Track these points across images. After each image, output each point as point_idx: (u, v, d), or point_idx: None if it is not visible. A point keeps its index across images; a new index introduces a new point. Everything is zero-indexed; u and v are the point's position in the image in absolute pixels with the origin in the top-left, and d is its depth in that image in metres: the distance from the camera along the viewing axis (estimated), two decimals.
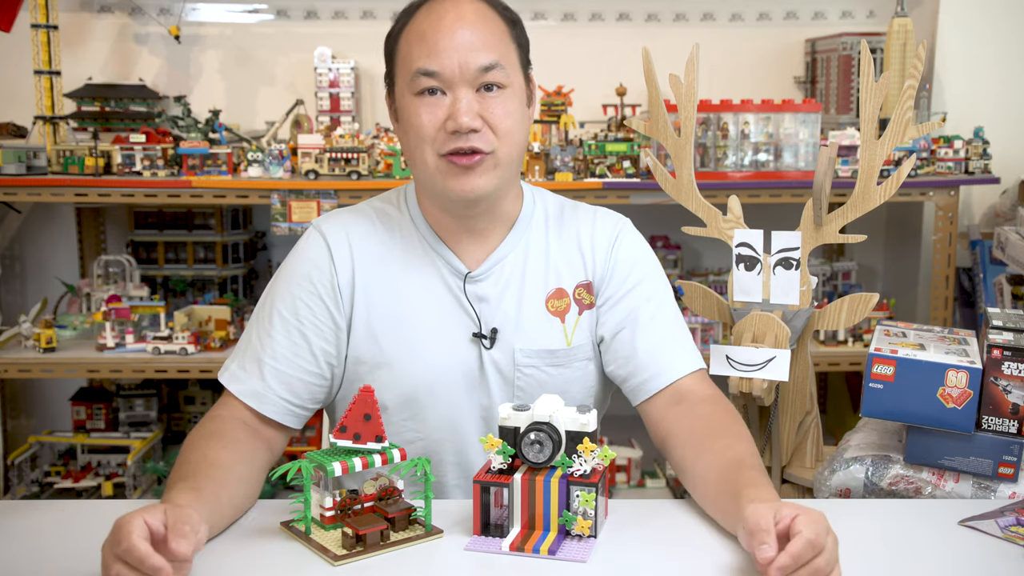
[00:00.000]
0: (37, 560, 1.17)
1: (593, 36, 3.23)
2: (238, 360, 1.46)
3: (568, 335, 1.51)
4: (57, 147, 2.80)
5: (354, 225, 1.52)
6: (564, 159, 2.74)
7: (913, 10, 3.07)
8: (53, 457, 3.09)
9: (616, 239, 1.54)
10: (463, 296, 1.48)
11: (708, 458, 1.31)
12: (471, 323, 1.48)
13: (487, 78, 1.39)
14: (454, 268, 1.49)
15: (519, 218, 1.53)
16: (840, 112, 3.01)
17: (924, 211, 3.14)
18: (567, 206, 1.59)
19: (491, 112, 1.39)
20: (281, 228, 2.72)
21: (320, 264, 1.48)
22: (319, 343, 1.46)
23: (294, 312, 1.46)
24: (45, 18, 2.80)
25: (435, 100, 1.39)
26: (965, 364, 1.44)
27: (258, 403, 1.42)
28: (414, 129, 1.41)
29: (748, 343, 1.70)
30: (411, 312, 1.48)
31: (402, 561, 1.17)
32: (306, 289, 1.47)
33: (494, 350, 1.48)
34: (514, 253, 1.52)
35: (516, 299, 1.50)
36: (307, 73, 3.13)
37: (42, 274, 3.25)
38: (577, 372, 1.51)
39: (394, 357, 1.47)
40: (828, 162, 1.73)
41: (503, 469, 1.22)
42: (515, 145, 1.44)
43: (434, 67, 1.38)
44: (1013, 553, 1.20)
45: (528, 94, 1.48)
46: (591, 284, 1.53)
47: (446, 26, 1.38)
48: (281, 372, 1.43)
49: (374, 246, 1.51)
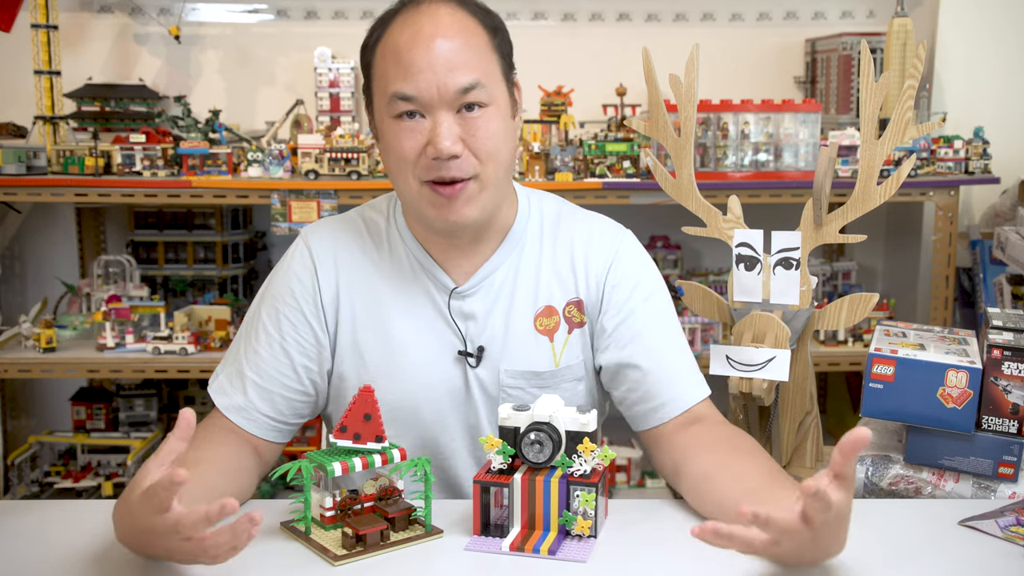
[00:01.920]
0: (37, 560, 1.17)
1: (593, 36, 3.23)
2: (226, 371, 1.45)
3: (556, 355, 1.46)
4: (57, 147, 2.80)
5: (342, 238, 1.49)
6: (564, 159, 2.74)
7: (913, 10, 3.07)
8: (53, 457, 3.09)
9: (614, 259, 1.49)
10: (448, 313, 1.45)
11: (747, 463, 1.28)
12: (457, 341, 1.45)
13: (467, 98, 1.32)
14: (441, 284, 1.46)
15: (512, 229, 1.48)
16: (840, 112, 3.01)
17: (924, 211, 3.14)
18: (565, 213, 1.53)
19: (473, 135, 1.33)
20: (281, 228, 2.72)
21: (304, 279, 1.46)
22: (301, 360, 1.44)
23: (277, 327, 1.44)
24: (45, 18, 2.80)
25: (414, 124, 1.34)
26: (965, 364, 1.44)
27: (240, 419, 1.41)
28: (396, 155, 1.36)
29: (748, 343, 1.69)
30: (397, 329, 1.45)
31: (402, 561, 1.17)
32: (289, 304, 1.45)
33: (480, 369, 1.45)
34: (504, 266, 1.47)
35: (504, 317, 1.46)
36: (307, 73, 3.12)
37: (42, 274, 3.25)
38: (565, 393, 1.46)
39: (379, 374, 1.44)
40: (828, 162, 1.73)
41: (503, 469, 1.22)
42: (500, 164, 1.37)
43: (411, 91, 1.32)
44: (1013, 553, 1.20)
45: (512, 104, 1.42)
46: (582, 303, 1.48)
47: (422, 43, 1.31)
48: (263, 388, 1.42)
49: (360, 260, 1.48)
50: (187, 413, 1.06)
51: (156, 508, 1.02)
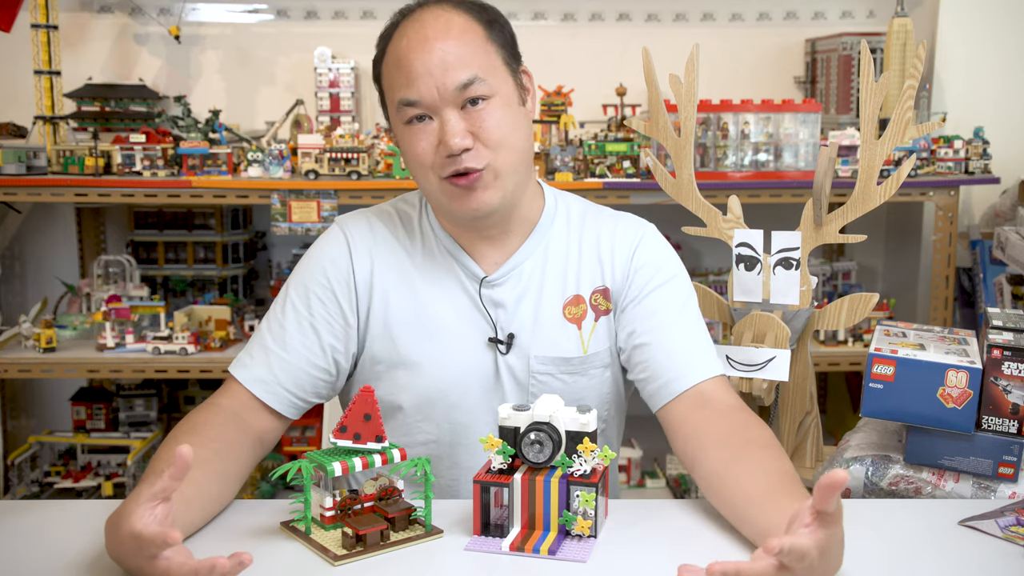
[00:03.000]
0: (37, 560, 1.17)
1: (593, 36, 3.23)
2: (248, 349, 1.47)
3: (584, 342, 1.49)
4: (57, 147, 2.80)
5: (378, 225, 1.53)
6: (564, 159, 2.74)
7: (913, 10, 3.07)
8: (53, 457, 3.09)
9: (638, 244, 1.52)
10: (480, 300, 1.48)
11: (755, 463, 1.26)
12: (488, 328, 1.48)
13: (468, 94, 1.36)
14: (471, 272, 1.49)
15: (540, 222, 1.52)
16: (840, 112, 3.01)
17: (924, 211, 3.14)
18: (591, 211, 1.57)
19: (479, 127, 1.37)
20: (281, 228, 2.72)
21: (337, 260, 1.49)
22: (328, 338, 1.47)
23: (307, 305, 1.47)
24: (45, 18, 2.80)
25: (424, 127, 1.39)
26: (965, 364, 1.44)
27: (261, 390, 1.42)
28: (413, 157, 1.41)
29: (748, 343, 1.70)
30: (429, 315, 1.48)
31: (402, 561, 1.17)
32: (321, 284, 1.48)
33: (510, 356, 1.48)
34: (532, 258, 1.50)
35: (533, 305, 1.49)
36: (307, 73, 3.13)
37: (42, 274, 3.25)
38: (593, 380, 1.50)
39: (411, 359, 1.47)
40: (828, 162, 1.73)
41: (503, 469, 1.22)
42: (512, 150, 1.41)
43: (413, 96, 1.37)
44: (1013, 553, 1.20)
45: (521, 91, 1.45)
46: (608, 290, 1.51)
47: (418, 49, 1.36)
48: (288, 363, 1.44)
49: (395, 248, 1.51)
50: (184, 452, 1.04)
51: (147, 555, 1.03)
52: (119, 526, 1.08)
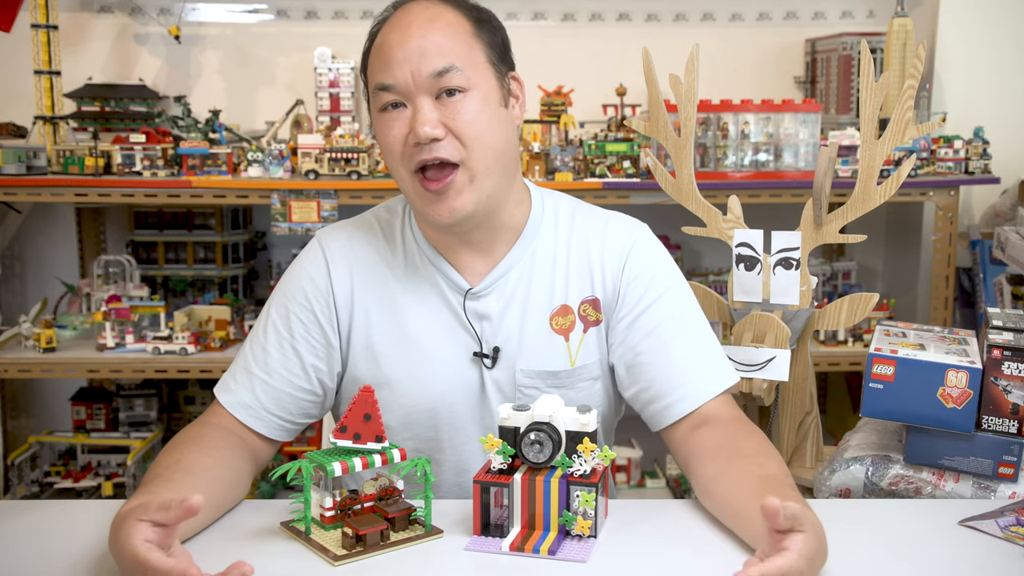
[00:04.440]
0: (37, 560, 1.17)
1: (593, 36, 3.23)
2: (232, 371, 1.45)
3: (572, 355, 1.45)
4: (57, 147, 2.80)
5: (358, 240, 1.49)
6: (564, 159, 2.74)
7: (913, 10, 3.07)
8: (53, 457, 3.09)
9: (629, 254, 1.46)
10: (464, 314, 1.45)
11: (738, 474, 1.25)
12: (472, 342, 1.45)
13: (443, 83, 1.32)
14: (455, 284, 1.45)
15: (526, 228, 1.47)
16: (840, 112, 3.01)
17: (924, 211, 3.14)
18: (579, 212, 1.51)
19: (453, 118, 1.33)
20: (281, 228, 2.72)
21: (317, 280, 1.46)
22: (311, 359, 1.44)
23: (287, 326, 1.44)
24: (45, 18, 2.80)
25: (397, 114, 1.35)
26: (965, 364, 1.44)
27: (246, 416, 1.41)
28: (385, 147, 1.38)
29: (748, 343, 1.70)
30: (412, 331, 1.44)
31: (402, 561, 1.17)
32: (301, 304, 1.45)
33: (496, 369, 1.44)
34: (519, 266, 1.46)
35: (519, 316, 1.45)
36: (307, 73, 3.13)
37: (42, 274, 3.25)
38: (581, 393, 1.46)
39: (395, 377, 1.44)
40: (828, 162, 1.73)
41: (503, 469, 1.22)
42: (487, 150, 1.35)
43: (388, 80, 1.34)
44: (1013, 553, 1.20)
45: (505, 94, 1.41)
46: (598, 301, 1.46)
47: (399, 36, 1.34)
48: (271, 387, 1.42)
49: (375, 262, 1.47)
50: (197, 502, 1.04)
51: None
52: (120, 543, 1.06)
